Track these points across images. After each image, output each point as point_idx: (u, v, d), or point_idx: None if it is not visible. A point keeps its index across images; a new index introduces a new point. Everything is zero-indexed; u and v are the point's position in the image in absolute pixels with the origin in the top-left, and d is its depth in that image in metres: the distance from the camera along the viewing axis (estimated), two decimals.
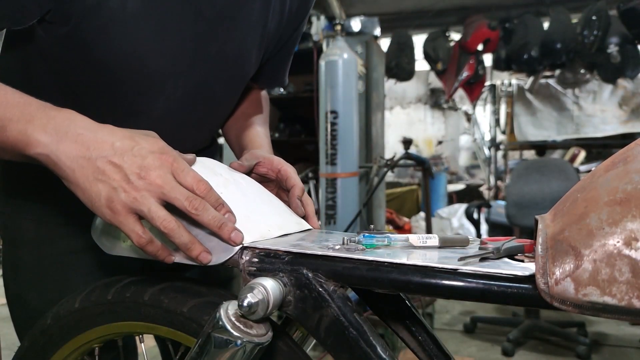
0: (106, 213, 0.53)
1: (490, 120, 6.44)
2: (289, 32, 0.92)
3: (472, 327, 3.03)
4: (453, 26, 4.83)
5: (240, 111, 0.97)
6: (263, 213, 0.68)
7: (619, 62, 4.12)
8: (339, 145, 2.92)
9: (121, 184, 0.53)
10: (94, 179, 0.53)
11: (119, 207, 0.53)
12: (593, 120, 5.29)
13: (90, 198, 0.54)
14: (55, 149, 0.54)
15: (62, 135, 0.54)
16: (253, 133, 0.92)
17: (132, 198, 0.53)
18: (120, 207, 0.53)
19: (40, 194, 0.83)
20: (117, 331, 0.69)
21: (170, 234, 0.54)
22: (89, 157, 0.54)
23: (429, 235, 0.58)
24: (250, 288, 0.51)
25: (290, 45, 0.95)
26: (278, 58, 0.95)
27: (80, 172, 0.54)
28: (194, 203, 0.54)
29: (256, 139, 0.90)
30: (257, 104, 1.00)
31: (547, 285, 0.42)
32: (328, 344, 0.54)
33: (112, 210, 0.53)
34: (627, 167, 0.43)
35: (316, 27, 3.77)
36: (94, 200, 0.53)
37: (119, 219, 0.53)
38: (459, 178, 7.83)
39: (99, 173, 0.53)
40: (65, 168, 0.54)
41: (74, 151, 0.54)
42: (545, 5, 4.39)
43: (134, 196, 0.53)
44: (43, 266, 0.83)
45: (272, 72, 0.97)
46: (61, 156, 0.54)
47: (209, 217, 0.55)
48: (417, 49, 4.80)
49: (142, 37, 0.70)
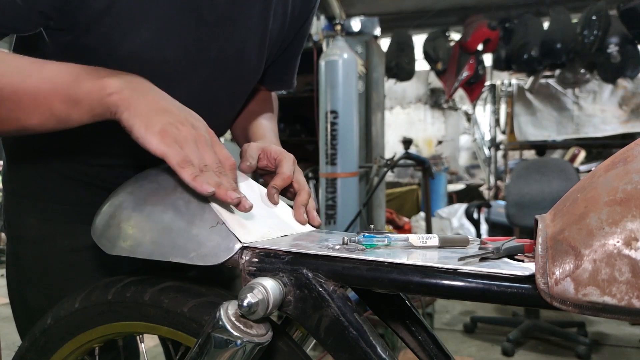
0: (155, 137, 0.58)
1: (490, 120, 6.44)
2: (293, 33, 0.92)
3: (472, 327, 3.03)
4: (453, 26, 4.83)
5: (248, 109, 0.97)
6: (263, 213, 0.68)
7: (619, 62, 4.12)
8: (339, 145, 2.92)
9: (176, 123, 0.60)
10: (157, 112, 0.60)
11: (169, 137, 0.59)
12: (593, 120, 5.29)
13: (147, 124, 0.59)
14: (127, 87, 0.61)
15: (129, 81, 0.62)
16: (256, 125, 0.92)
17: (182, 135, 0.60)
18: (170, 138, 0.59)
19: (44, 193, 0.83)
20: (117, 331, 0.69)
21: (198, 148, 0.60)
22: (157, 100, 0.62)
23: (429, 235, 0.58)
24: (250, 288, 0.51)
25: (295, 46, 0.95)
26: (283, 60, 0.95)
27: (147, 105, 0.60)
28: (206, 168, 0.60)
29: (258, 130, 0.90)
30: (265, 103, 1.00)
31: (547, 285, 0.42)
32: (328, 344, 0.54)
33: (162, 137, 0.58)
34: (627, 167, 0.43)
35: (316, 27, 3.77)
36: (150, 125, 0.59)
37: (166, 141, 0.58)
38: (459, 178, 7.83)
39: (164, 110, 0.61)
40: (134, 101, 0.60)
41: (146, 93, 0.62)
42: (545, 5, 4.39)
43: (184, 135, 0.60)
44: (45, 264, 0.84)
45: (277, 74, 0.97)
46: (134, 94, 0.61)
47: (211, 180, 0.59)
48: (417, 49, 4.80)
49: (144, 43, 0.70)
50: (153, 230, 0.62)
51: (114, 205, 0.67)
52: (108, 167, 0.83)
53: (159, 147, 0.58)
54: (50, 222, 0.83)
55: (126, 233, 0.63)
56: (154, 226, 0.62)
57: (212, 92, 0.83)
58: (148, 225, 0.63)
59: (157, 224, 0.62)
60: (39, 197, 0.83)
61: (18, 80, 0.60)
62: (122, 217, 0.65)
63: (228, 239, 0.59)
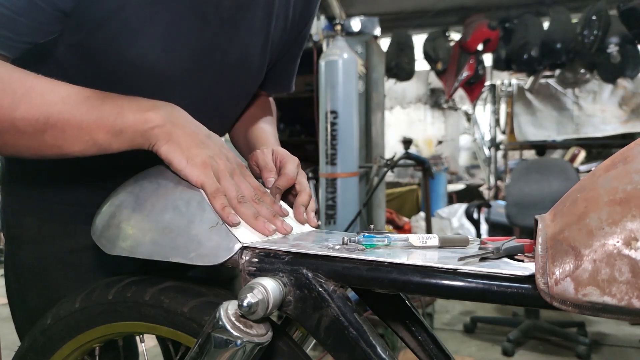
0: (197, 169, 0.63)
1: (490, 120, 6.44)
2: (293, 37, 0.92)
3: (472, 327, 3.03)
4: (453, 26, 4.83)
5: (248, 114, 0.97)
6: None
7: (619, 62, 4.12)
8: (339, 145, 2.92)
9: (214, 156, 0.65)
10: (197, 145, 0.64)
11: (209, 169, 0.63)
12: (593, 120, 5.29)
13: (189, 157, 0.63)
14: (168, 121, 0.64)
15: (170, 114, 0.65)
16: (258, 130, 0.92)
17: (220, 168, 0.65)
18: (209, 169, 0.63)
19: (43, 193, 0.83)
20: (117, 331, 0.69)
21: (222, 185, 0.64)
22: (196, 132, 0.66)
23: (429, 235, 0.58)
24: (250, 288, 0.51)
25: (294, 49, 0.95)
26: (282, 63, 0.95)
27: (187, 138, 0.64)
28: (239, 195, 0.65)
29: (261, 135, 0.90)
30: (264, 107, 1.00)
31: (547, 285, 0.42)
32: (328, 344, 0.54)
33: (203, 169, 0.63)
34: (627, 167, 0.43)
35: (316, 27, 3.77)
36: (191, 158, 0.63)
37: (206, 172, 0.63)
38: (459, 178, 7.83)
39: (202, 144, 0.65)
40: (174, 135, 0.63)
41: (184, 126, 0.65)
42: (545, 5, 4.38)
43: (222, 168, 0.65)
44: (44, 265, 0.83)
45: (276, 77, 0.97)
46: (175, 128, 0.64)
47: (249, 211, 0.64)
48: (417, 49, 4.80)
49: (153, 46, 0.71)
50: (153, 230, 0.62)
51: (114, 205, 0.67)
52: (108, 167, 0.83)
53: (200, 178, 0.62)
54: (50, 223, 0.83)
55: (126, 233, 0.63)
56: (154, 226, 0.62)
57: (216, 95, 0.83)
58: (148, 225, 0.63)
59: (157, 224, 0.62)
60: (38, 197, 0.83)
61: (65, 110, 0.61)
62: (122, 217, 0.65)
63: (228, 239, 0.59)
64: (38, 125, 0.60)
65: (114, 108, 0.62)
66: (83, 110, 0.61)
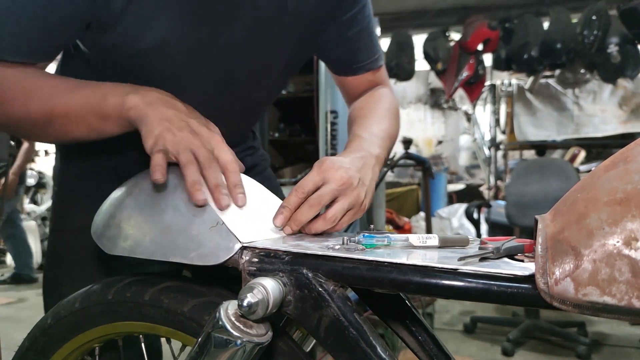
0: (151, 141, 0.65)
1: (490, 120, 6.43)
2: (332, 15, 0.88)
3: (472, 327, 3.03)
4: (453, 26, 4.82)
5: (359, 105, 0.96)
6: (264, 214, 0.68)
7: (619, 62, 4.11)
8: (339, 145, 2.92)
9: (173, 129, 0.66)
10: (159, 121, 0.66)
11: (162, 140, 0.65)
12: (593, 120, 5.29)
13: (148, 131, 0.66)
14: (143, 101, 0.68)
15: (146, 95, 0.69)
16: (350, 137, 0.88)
17: (176, 139, 0.65)
18: (162, 140, 0.65)
19: (91, 187, 0.85)
20: (117, 331, 0.69)
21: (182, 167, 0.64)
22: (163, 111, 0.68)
23: (429, 235, 0.58)
24: (250, 288, 0.51)
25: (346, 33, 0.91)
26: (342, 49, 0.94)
27: (154, 115, 0.67)
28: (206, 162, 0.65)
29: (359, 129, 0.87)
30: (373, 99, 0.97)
31: (547, 285, 0.42)
32: (328, 344, 0.54)
33: (155, 141, 0.65)
34: (627, 167, 0.43)
35: None
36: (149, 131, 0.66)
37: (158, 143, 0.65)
38: (459, 178, 7.82)
39: (164, 119, 0.67)
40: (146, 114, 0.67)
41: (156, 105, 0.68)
42: (545, 5, 4.38)
43: (178, 139, 0.65)
44: (85, 255, 0.86)
45: (342, 58, 0.97)
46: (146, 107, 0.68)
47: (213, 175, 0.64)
48: (417, 49, 4.80)
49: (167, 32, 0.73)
50: (153, 230, 0.62)
51: (114, 205, 0.67)
52: None
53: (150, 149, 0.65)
54: None
55: (126, 233, 0.64)
56: (154, 226, 0.62)
57: (231, 74, 0.83)
58: (148, 225, 0.63)
59: (157, 224, 0.62)
60: (86, 193, 0.86)
61: (64, 102, 0.70)
62: (122, 217, 0.65)
63: (228, 239, 0.59)
64: (46, 116, 0.71)
65: (100, 95, 0.70)
66: (76, 100, 0.70)
